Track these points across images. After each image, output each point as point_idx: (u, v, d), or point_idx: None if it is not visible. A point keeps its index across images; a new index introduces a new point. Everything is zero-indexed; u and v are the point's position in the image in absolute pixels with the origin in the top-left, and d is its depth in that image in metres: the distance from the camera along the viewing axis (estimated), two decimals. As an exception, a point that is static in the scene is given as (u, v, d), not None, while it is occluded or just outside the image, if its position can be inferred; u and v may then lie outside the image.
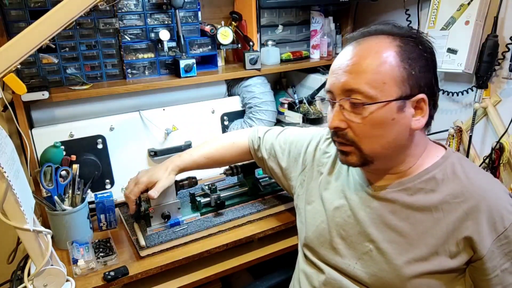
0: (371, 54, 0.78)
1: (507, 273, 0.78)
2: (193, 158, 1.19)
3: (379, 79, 0.76)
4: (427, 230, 0.81)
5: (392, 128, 0.79)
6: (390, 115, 0.78)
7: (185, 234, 1.16)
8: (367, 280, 0.86)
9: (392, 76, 0.77)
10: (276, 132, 1.20)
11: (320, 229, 0.96)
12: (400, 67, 0.77)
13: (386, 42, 0.79)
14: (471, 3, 1.29)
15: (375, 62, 0.77)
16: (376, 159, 0.83)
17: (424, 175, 0.83)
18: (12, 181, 0.77)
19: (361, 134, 0.80)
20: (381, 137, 0.80)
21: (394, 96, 0.77)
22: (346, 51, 0.82)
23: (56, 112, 1.29)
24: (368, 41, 0.81)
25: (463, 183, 0.81)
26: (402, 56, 0.78)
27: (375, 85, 0.76)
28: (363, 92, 0.77)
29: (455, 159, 0.85)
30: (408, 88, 0.78)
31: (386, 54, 0.77)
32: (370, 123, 0.78)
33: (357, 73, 0.77)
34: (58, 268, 0.91)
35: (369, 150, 0.81)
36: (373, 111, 0.77)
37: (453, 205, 0.79)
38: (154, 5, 1.38)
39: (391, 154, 0.83)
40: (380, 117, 0.78)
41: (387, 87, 0.77)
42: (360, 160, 0.83)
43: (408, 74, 0.77)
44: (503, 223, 0.77)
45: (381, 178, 0.88)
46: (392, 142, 0.80)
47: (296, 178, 1.10)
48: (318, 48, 1.69)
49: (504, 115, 1.31)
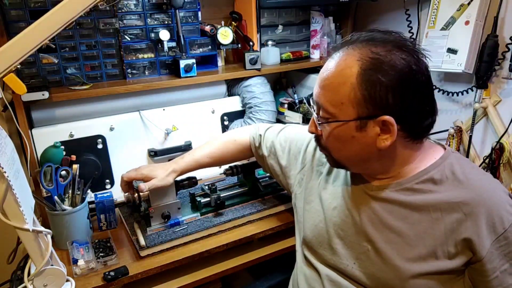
0: (336, 71, 0.80)
1: (506, 274, 0.78)
2: (196, 158, 1.19)
3: (337, 99, 0.80)
4: (425, 231, 0.80)
5: (352, 144, 0.82)
6: (349, 133, 0.81)
7: (185, 234, 1.16)
8: (365, 280, 0.86)
9: (349, 97, 0.78)
10: (277, 130, 1.20)
11: (319, 229, 0.96)
12: (360, 89, 0.76)
13: (352, 60, 0.77)
14: (471, 3, 1.28)
15: (337, 81, 0.79)
16: (349, 166, 0.89)
17: (422, 176, 0.83)
18: (12, 181, 0.77)
19: (326, 145, 0.87)
20: (344, 150, 0.85)
21: (352, 116, 0.79)
22: (325, 63, 0.85)
23: (56, 112, 1.29)
24: (340, 56, 0.81)
25: (462, 184, 0.80)
26: (363, 78, 0.76)
27: (334, 104, 0.80)
28: (326, 108, 0.82)
29: (453, 159, 0.84)
30: (369, 109, 0.77)
31: (349, 74, 0.77)
32: (332, 136, 0.84)
33: (323, 89, 0.82)
34: (58, 268, 0.91)
35: (338, 158, 0.88)
36: (333, 127, 0.82)
37: (452, 205, 0.79)
38: (154, 5, 1.38)
39: (362, 164, 0.87)
40: (340, 134, 0.82)
41: (344, 107, 0.79)
42: (334, 163, 0.90)
43: (368, 96, 0.76)
44: (502, 224, 0.76)
45: (378, 179, 0.88)
46: (356, 156, 0.84)
47: (295, 176, 1.10)
48: (318, 48, 1.69)
49: (504, 115, 1.31)
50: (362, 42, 0.80)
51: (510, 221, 0.77)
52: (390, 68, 0.75)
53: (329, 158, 0.90)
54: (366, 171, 0.89)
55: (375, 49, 0.77)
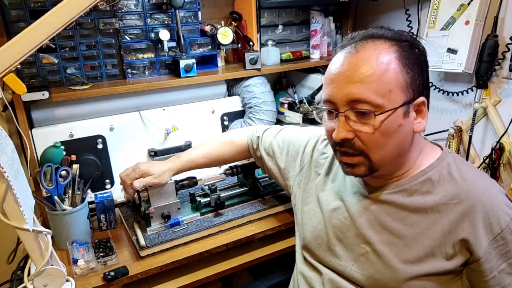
0: (372, 61, 0.76)
1: (504, 274, 0.78)
2: (192, 157, 1.20)
3: (385, 88, 0.75)
4: (423, 232, 0.80)
5: (398, 134, 0.78)
6: (397, 121, 0.77)
7: (185, 234, 1.16)
8: (364, 281, 0.86)
9: (397, 83, 0.76)
10: (275, 132, 1.20)
11: (318, 231, 0.96)
12: (403, 72, 0.76)
13: (384, 48, 0.77)
14: (471, 3, 1.29)
15: (379, 70, 0.75)
16: (382, 166, 0.81)
17: (420, 177, 0.83)
18: (12, 181, 0.77)
19: (370, 143, 0.78)
20: (389, 144, 0.78)
21: (400, 102, 0.76)
22: (343, 59, 0.79)
23: (56, 112, 1.29)
24: (365, 47, 0.78)
25: (458, 184, 0.80)
26: (403, 62, 0.77)
27: (382, 93, 0.75)
28: (371, 101, 0.75)
29: (450, 159, 0.84)
30: (412, 92, 0.78)
31: (388, 60, 0.76)
32: (379, 132, 0.76)
33: (361, 83, 0.75)
34: (58, 268, 0.91)
35: (377, 159, 0.80)
36: (382, 120, 0.76)
37: (449, 206, 0.79)
38: (154, 5, 1.38)
39: (396, 159, 0.82)
40: (389, 125, 0.76)
41: (393, 94, 0.76)
42: (367, 170, 0.81)
43: (410, 79, 0.77)
44: (499, 224, 0.76)
45: (378, 181, 0.88)
46: (397, 148, 0.80)
47: (294, 178, 1.10)
48: (318, 48, 1.69)
49: (504, 115, 1.31)
50: (377, 35, 0.80)
51: (507, 221, 0.77)
52: (418, 50, 0.80)
53: (362, 165, 0.81)
54: (390, 170, 0.84)
55: (398, 37, 0.79)
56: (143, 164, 1.16)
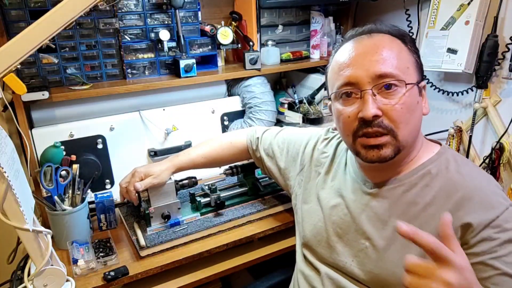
0: (386, 44, 0.81)
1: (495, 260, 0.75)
2: (191, 157, 1.20)
3: (403, 64, 0.80)
4: (422, 226, 0.80)
5: (417, 112, 0.82)
6: (416, 98, 0.81)
7: (185, 234, 1.16)
8: (364, 277, 0.86)
9: (411, 61, 0.83)
10: (274, 132, 1.20)
11: (317, 228, 0.96)
12: (412, 54, 0.83)
13: (389, 37, 0.84)
14: (471, 3, 1.28)
15: (395, 50, 0.81)
16: (405, 146, 0.81)
17: (420, 170, 0.84)
18: (12, 181, 0.77)
19: (398, 119, 0.78)
20: (411, 122, 0.81)
21: (416, 79, 0.82)
22: (357, 44, 0.83)
23: (56, 112, 1.29)
24: (374, 36, 0.84)
25: (454, 178, 0.81)
26: (408, 46, 0.84)
27: (402, 69, 0.80)
28: (396, 75, 0.78)
29: (449, 155, 0.86)
30: (420, 74, 0.84)
31: (398, 44, 0.83)
32: (405, 105, 0.79)
33: (384, 60, 0.79)
34: (58, 268, 0.91)
35: (404, 136, 0.80)
36: (405, 93, 0.79)
37: (444, 198, 0.80)
38: (154, 5, 1.38)
39: (413, 141, 0.84)
40: (411, 100, 0.80)
41: (410, 71, 0.81)
42: (394, 150, 0.80)
43: (417, 61, 0.84)
44: (495, 212, 0.76)
45: (380, 175, 0.88)
46: (415, 127, 0.83)
47: (294, 178, 1.10)
48: (318, 48, 1.69)
49: (504, 115, 1.31)
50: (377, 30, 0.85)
51: (502, 210, 0.76)
52: (412, 40, 0.86)
53: (389, 145, 0.79)
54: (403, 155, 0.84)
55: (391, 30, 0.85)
56: (140, 168, 1.16)
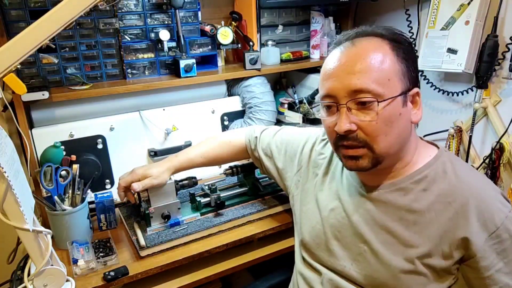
0: (369, 53, 0.78)
1: (501, 273, 0.78)
2: (190, 157, 1.19)
3: (384, 76, 0.77)
4: (421, 231, 0.81)
5: (399, 123, 0.79)
6: (397, 110, 0.79)
7: (185, 234, 1.16)
8: (362, 280, 0.86)
9: (395, 71, 0.78)
10: (273, 132, 1.20)
11: (316, 231, 0.96)
12: (398, 62, 0.79)
13: (378, 41, 0.80)
14: (471, 3, 1.28)
15: (377, 60, 0.77)
16: (385, 158, 0.81)
17: (416, 175, 0.84)
18: (12, 181, 0.77)
19: (373, 133, 0.78)
20: (391, 133, 0.79)
21: (399, 91, 0.78)
22: (340, 53, 0.81)
23: (56, 112, 1.29)
24: (360, 42, 0.80)
25: (452, 182, 0.81)
26: (397, 52, 0.79)
27: (381, 82, 0.77)
28: (372, 90, 0.76)
29: (446, 158, 0.85)
30: (407, 82, 0.80)
31: (384, 51, 0.79)
32: (381, 120, 0.77)
33: (361, 73, 0.77)
34: (58, 268, 0.91)
35: (381, 149, 0.79)
36: (383, 108, 0.77)
37: (444, 204, 0.80)
38: (154, 5, 1.38)
39: (397, 151, 0.82)
40: (390, 113, 0.78)
41: (392, 83, 0.78)
42: (371, 162, 0.81)
43: (405, 69, 0.80)
44: (494, 222, 0.76)
45: (375, 179, 0.88)
46: (398, 137, 0.81)
47: (292, 178, 1.10)
48: (318, 48, 1.69)
49: (504, 115, 1.31)
50: (369, 32, 0.82)
51: (502, 219, 0.77)
52: (407, 42, 0.83)
53: (366, 157, 0.80)
54: (391, 162, 0.84)
55: (385, 32, 0.82)
56: (139, 168, 1.15)
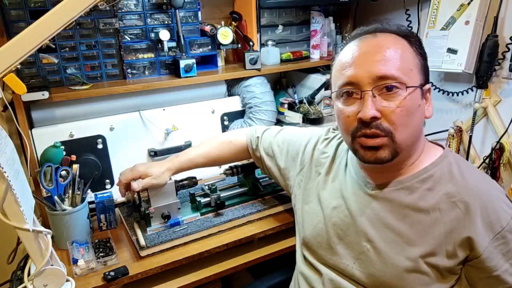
0: (390, 44, 0.79)
1: (507, 274, 0.78)
2: (190, 157, 1.19)
3: (406, 66, 0.79)
4: (425, 230, 0.81)
5: (417, 115, 0.80)
6: (417, 101, 0.80)
7: (185, 234, 1.16)
8: (365, 279, 0.86)
9: (415, 63, 0.80)
10: (275, 132, 1.20)
11: (318, 229, 0.96)
12: (417, 56, 0.81)
13: (395, 37, 0.82)
14: (471, 3, 1.29)
15: (399, 51, 0.79)
16: (403, 149, 0.80)
17: (422, 174, 0.84)
18: (12, 181, 0.77)
19: (397, 122, 0.77)
20: (411, 124, 0.79)
21: (419, 82, 0.80)
22: (361, 43, 0.82)
23: (56, 112, 1.29)
24: (379, 36, 0.82)
25: (458, 183, 0.81)
26: (414, 47, 0.82)
27: (405, 71, 0.78)
28: (397, 77, 0.77)
29: (452, 159, 0.85)
30: (424, 76, 0.82)
31: (403, 45, 0.81)
32: (405, 108, 0.77)
33: (386, 61, 0.78)
34: (58, 268, 0.91)
35: (402, 139, 0.79)
36: (406, 97, 0.77)
37: (449, 204, 0.80)
38: (154, 5, 1.38)
39: (414, 143, 0.83)
40: (412, 103, 0.78)
41: (413, 74, 0.79)
42: (391, 153, 0.79)
43: (422, 63, 0.82)
44: (499, 223, 0.77)
45: (384, 176, 0.87)
46: (415, 130, 0.82)
47: (294, 178, 1.10)
48: (318, 48, 1.69)
49: (504, 115, 1.31)
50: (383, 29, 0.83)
51: (507, 219, 0.77)
52: (419, 40, 0.84)
53: (386, 147, 0.79)
54: (404, 157, 0.83)
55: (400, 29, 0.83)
56: (141, 166, 1.15)
